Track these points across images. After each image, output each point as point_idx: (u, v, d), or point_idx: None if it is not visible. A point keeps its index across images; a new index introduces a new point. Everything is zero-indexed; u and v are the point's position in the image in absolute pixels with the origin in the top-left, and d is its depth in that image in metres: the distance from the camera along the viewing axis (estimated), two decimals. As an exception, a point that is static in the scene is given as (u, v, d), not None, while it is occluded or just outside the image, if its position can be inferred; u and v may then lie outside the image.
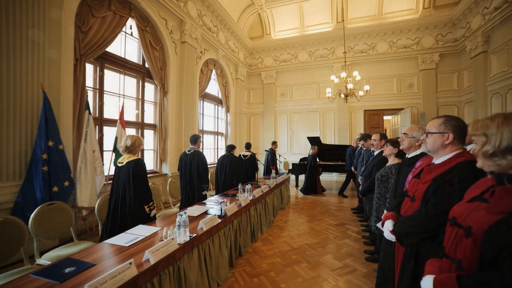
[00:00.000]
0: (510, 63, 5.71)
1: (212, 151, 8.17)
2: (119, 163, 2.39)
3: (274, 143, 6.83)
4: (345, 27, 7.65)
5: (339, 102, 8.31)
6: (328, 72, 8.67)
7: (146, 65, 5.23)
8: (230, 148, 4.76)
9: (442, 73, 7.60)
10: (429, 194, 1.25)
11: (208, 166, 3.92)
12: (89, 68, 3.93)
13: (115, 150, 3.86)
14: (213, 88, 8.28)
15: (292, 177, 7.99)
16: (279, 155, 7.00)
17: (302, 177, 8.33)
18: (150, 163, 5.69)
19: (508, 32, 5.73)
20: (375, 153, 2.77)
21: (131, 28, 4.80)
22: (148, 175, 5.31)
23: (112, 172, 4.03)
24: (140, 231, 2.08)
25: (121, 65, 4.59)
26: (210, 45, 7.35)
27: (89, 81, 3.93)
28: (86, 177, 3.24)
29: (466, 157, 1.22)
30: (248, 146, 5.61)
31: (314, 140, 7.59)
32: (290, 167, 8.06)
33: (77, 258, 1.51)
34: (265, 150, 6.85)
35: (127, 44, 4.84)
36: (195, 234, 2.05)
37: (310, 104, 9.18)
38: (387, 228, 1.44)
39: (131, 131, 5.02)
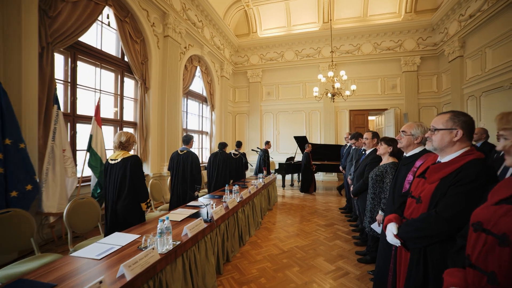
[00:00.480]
0: (483, 67, 6.02)
1: (196, 151, 7.88)
2: (111, 160, 2.30)
3: (268, 143, 6.73)
4: (333, 26, 7.68)
5: (325, 102, 8.37)
6: (314, 72, 8.69)
7: (126, 59, 4.88)
8: (223, 145, 4.73)
9: (423, 75, 7.88)
10: (438, 195, 1.16)
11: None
12: (59, 58, 3.55)
13: (89, 149, 3.52)
14: (198, 85, 8.00)
15: (279, 177, 7.92)
16: (258, 155, 6.87)
17: (288, 177, 8.29)
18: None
19: (481, 38, 6.04)
20: (367, 152, 2.72)
21: (108, 18, 4.43)
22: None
23: (86, 174, 3.69)
24: (116, 240, 1.84)
25: (97, 57, 4.22)
26: (194, 40, 7.07)
27: (60, 73, 3.55)
28: (54, 179, 2.89)
29: (476, 155, 1.14)
30: (239, 144, 5.55)
31: (300, 140, 7.56)
32: (277, 167, 7.98)
33: (34, 278, 1.26)
34: (252, 149, 6.69)
35: (104, 35, 4.47)
36: (179, 242, 1.85)
37: (296, 103, 9.16)
38: (390, 231, 1.33)
39: (108, 129, 4.66)
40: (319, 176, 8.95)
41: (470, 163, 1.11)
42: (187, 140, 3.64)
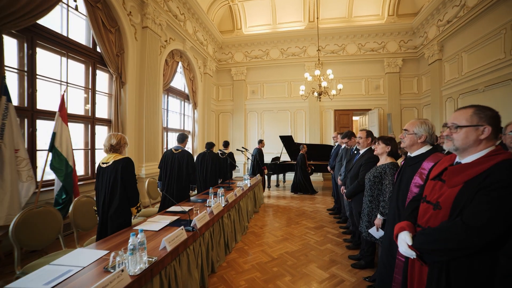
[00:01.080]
0: (460, 71, 6.26)
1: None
2: (102, 163, 2.25)
3: (261, 141, 6.51)
4: (318, 26, 7.63)
5: (311, 101, 8.32)
6: (299, 71, 8.62)
7: (99, 50, 4.41)
8: (210, 145, 4.67)
9: (405, 77, 8.09)
10: (463, 201, 1.00)
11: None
12: (12, 43, 3.04)
13: (52, 149, 3.07)
14: (179, 82, 7.59)
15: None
16: (252, 155, 6.65)
17: (273, 177, 8.12)
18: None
19: (458, 43, 6.28)
20: (361, 152, 2.59)
21: (75, 1, 3.96)
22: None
23: (47, 178, 3.23)
24: (76, 259, 1.52)
25: (63, 45, 3.74)
26: (176, 34, 6.67)
27: (13, 60, 3.05)
28: (1, 185, 2.42)
29: (506, 154, 0.99)
30: (226, 144, 5.42)
31: (286, 139, 7.44)
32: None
33: None
34: (237, 149, 6.43)
35: (71, 21, 3.98)
36: (156, 258, 1.56)
37: (281, 102, 9.03)
38: (404, 241, 1.16)
39: (77, 126, 4.19)
40: (304, 176, 8.89)
41: (501, 164, 0.96)
42: (182, 138, 3.59)
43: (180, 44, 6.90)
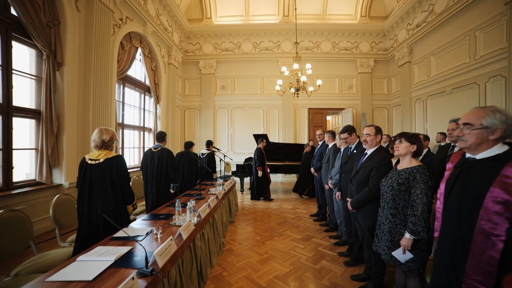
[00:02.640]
0: (428, 73, 6.49)
1: (136, 151, 6.37)
2: (90, 160, 2.11)
3: (262, 140, 5.80)
4: (293, 20, 7.26)
5: (284, 99, 7.95)
6: (273, 67, 8.19)
7: (14, 13, 3.28)
8: (189, 145, 4.46)
9: (376, 77, 8.23)
10: None
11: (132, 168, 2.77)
12: None
13: None
14: (139, 72, 6.51)
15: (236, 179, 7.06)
16: (224, 155, 5.96)
17: (247, 179, 7.51)
18: (28, 169, 3.73)
19: (427, 47, 6.51)
20: (369, 152, 2.14)
21: None
22: (28, 188, 3.44)
23: None
24: None
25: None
26: (134, 13, 5.64)
27: None
28: None
29: None
30: (208, 144, 5.07)
31: (260, 138, 6.88)
32: (234, 169, 7.12)
33: None
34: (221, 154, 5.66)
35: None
36: None
37: (253, 99, 8.49)
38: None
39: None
40: (278, 178, 8.49)
41: None
42: (161, 137, 3.55)
43: (139, 27, 5.87)
